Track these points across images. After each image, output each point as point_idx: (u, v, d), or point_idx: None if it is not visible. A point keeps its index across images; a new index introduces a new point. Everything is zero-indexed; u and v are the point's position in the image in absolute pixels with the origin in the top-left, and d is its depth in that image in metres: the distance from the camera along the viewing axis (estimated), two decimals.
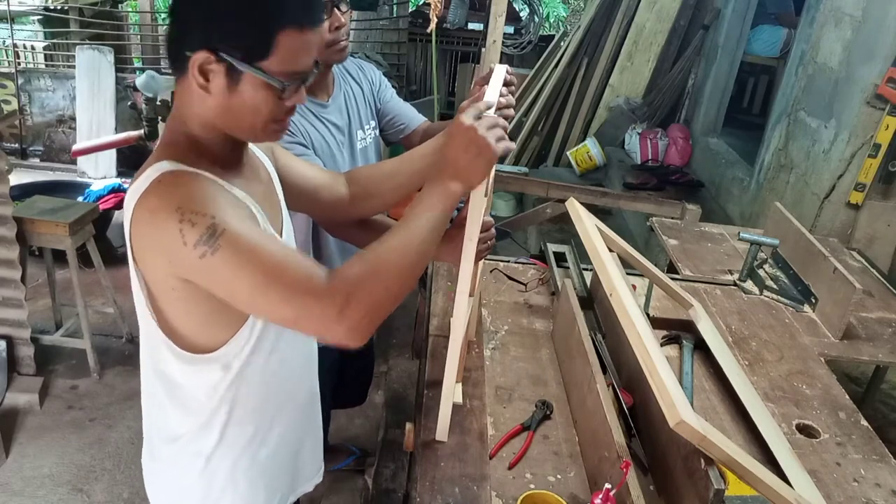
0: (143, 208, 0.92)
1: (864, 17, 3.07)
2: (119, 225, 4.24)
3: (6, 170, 2.56)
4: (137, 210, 0.92)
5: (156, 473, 1.22)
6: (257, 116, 0.97)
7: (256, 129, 1.00)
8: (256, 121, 0.98)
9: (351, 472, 2.54)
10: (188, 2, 0.96)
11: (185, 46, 0.93)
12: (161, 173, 0.93)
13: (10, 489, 2.38)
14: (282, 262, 0.90)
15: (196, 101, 0.97)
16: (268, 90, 0.95)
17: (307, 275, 0.91)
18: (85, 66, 5.05)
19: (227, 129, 1.00)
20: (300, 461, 1.30)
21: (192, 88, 0.95)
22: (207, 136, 1.00)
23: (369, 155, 1.86)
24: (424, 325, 1.80)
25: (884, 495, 1.38)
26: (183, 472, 1.15)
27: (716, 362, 1.63)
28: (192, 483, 1.15)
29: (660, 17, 5.33)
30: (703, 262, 2.33)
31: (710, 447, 1.04)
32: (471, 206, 1.10)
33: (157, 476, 1.21)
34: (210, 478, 1.14)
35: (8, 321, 2.73)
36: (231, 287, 0.90)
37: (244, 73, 0.93)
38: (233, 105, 0.95)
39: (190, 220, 0.88)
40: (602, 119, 5.62)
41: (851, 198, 3.06)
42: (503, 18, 2.09)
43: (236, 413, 1.10)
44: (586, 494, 1.30)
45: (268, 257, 0.90)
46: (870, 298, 2.22)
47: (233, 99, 0.95)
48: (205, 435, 1.11)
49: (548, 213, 3.23)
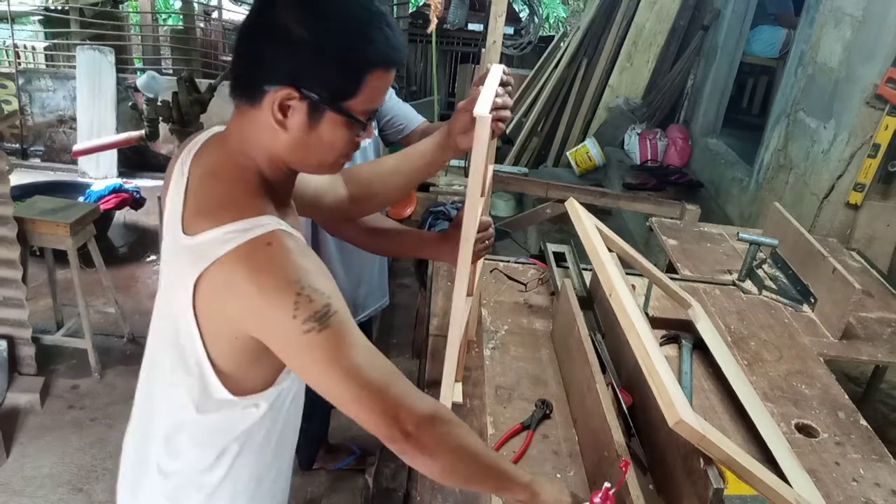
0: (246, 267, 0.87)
1: (864, 17, 3.07)
2: (120, 225, 4.25)
3: (7, 170, 2.56)
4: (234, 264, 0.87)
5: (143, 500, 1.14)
6: (331, 153, 0.96)
7: (326, 165, 0.99)
8: (329, 157, 0.97)
9: (351, 471, 2.54)
10: (273, 34, 0.90)
11: (265, 80, 0.90)
12: (267, 233, 0.89)
13: (10, 489, 2.39)
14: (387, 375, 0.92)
15: (266, 135, 0.94)
16: (347, 128, 0.94)
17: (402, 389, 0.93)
18: (85, 66, 5.05)
19: (294, 163, 0.98)
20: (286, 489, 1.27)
21: (263, 122, 0.93)
22: (272, 172, 0.98)
23: (368, 155, 1.87)
24: (424, 325, 1.80)
25: (883, 495, 1.38)
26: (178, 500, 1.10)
27: (715, 362, 1.63)
28: None
29: (659, 17, 5.33)
30: (702, 262, 2.33)
31: (710, 447, 1.04)
32: (467, 206, 1.10)
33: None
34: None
35: (9, 321, 2.73)
36: (317, 370, 0.90)
37: (326, 112, 0.91)
38: (309, 142, 0.94)
39: (309, 297, 0.86)
40: (602, 119, 5.63)
41: (851, 198, 3.06)
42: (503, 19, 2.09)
43: (247, 446, 1.08)
44: (586, 494, 1.30)
45: (365, 365, 0.90)
46: (869, 298, 2.22)
47: (310, 136, 0.93)
48: (213, 469, 1.07)
49: (547, 213, 3.23)
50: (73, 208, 2.86)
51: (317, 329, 0.86)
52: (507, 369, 1.65)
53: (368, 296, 1.96)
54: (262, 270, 0.87)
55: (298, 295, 0.86)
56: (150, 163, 5.18)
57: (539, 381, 1.62)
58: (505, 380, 1.61)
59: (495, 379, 1.60)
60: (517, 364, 1.67)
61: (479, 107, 1.06)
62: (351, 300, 1.90)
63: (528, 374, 1.64)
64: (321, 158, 0.97)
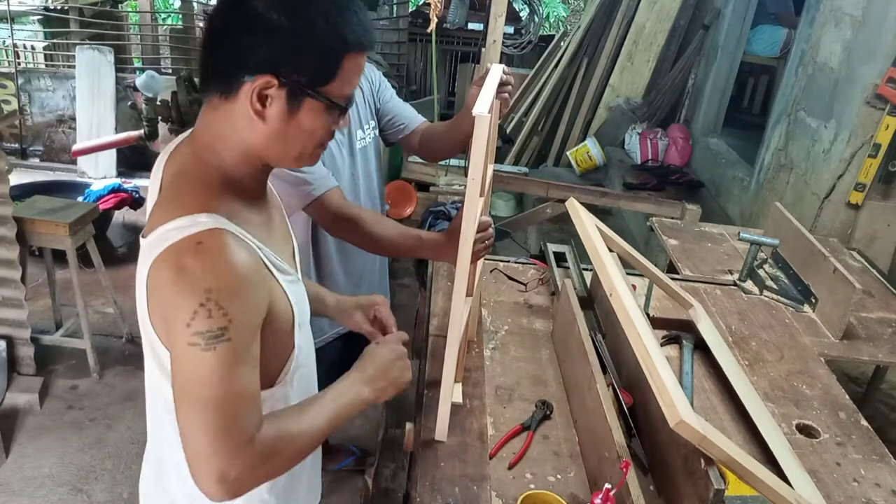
0: (172, 265, 0.85)
1: (864, 17, 3.07)
2: (119, 225, 4.25)
3: (6, 170, 2.56)
4: (164, 262, 0.86)
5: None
6: (309, 142, 0.95)
7: (304, 156, 0.97)
8: (307, 146, 0.96)
9: (351, 472, 2.54)
10: (250, 22, 0.89)
11: (242, 70, 0.89)
12: (202, 231, 0.86)
13: (10, 489, 2.39)
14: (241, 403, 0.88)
15: (243, 128, 0.92)
16: (326, 115, 0.93)
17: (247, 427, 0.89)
18: (85, 66, 5.05)
19: (271, 155, 0.96)
20: (304, 485, 1.26)
21: (239, 115, 0.91)
22: (242, 169, 0.96)
23: (368, 155, 1.86)
24: (424, 325, 1.80)
25: (884, 495, 1.38)
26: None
27: (716, 362, 1.63)
28: None
29: (660, 17, 5.33)
30: (702, 262, 2.33)
31: (710, 447, 1.04)
32: (466, 206, 1.10)
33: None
34: None
35: (8, 321, 2.73)
36: (180, 380, 0.87)
37: (305, 99, 0.91)
38: (288, 132, 0.93)
39: (210, 310, 0.83)
40: (602, 119, 5.62)
41: (851, 198, 3.06)
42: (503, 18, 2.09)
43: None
44: (586, 494, 1.30)
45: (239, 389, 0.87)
46: (870, 298, 2.22)
47: (289, 125, 0.92)
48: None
49: (548, 213, 3.23)
50: (73, 208, 2.86)
51: (201, 347, 0.84)
52: (508, 369, 1.64)
53: None
54: (180, 270, 0.84)
55: (201, 305, 0.83)
56: (150, 162, 5.03)
57: (539, 382, 1.61)
58: (505, 380, 1.60)
59: (495, 379, 1.60)
60: (517, 364, 1.67)
61: (478, 106, 1.06)
62: None
63: (529, 375, 1.63)
64: (301, 148, 0.96)
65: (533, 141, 5.76)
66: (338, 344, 1.92)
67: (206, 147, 0.95)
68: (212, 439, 0.86)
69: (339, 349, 1.91)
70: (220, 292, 0.84)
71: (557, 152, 5.72)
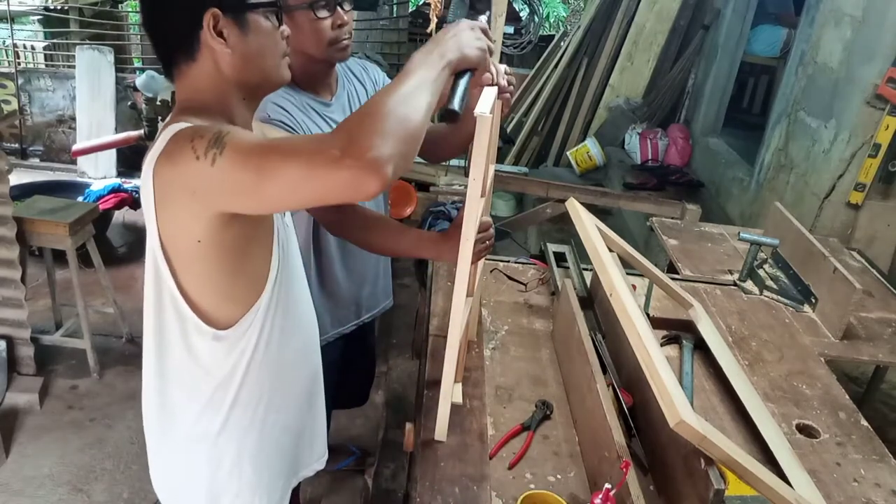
0: (163, 159, 0.95)
1: (864, 17, 3.07)
2: (119, 225, 4.24)
3: (6, 170, 2.56)
4: (158, 166, 0.95)
5: (162, 464, 1.23)
6: (277, 49, 1.05)
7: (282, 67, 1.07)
8: (276, 54, 1.05)
9: (351, 472, 2.54)
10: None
11: (193, 25, 0.99)
12: (177, 131, 0.96)
13: (9, 489, 2.38)
14: (282, 140, 0.94)
15: (217, 70, 1.02)
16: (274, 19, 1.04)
17: (305, 138, 0.98)
18: (85, 66, 5.05)
19: (253, 76, 1.05)
20: (301, 445, 1.34)
21: (210, 60, 1.01)
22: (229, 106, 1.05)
23: None
24: (424, 325, 1.80)
25: (884, 495, 1.38)
26: (189, 458, 1.18)
27: (716, 362, 1.63)
28: (198, 470, 1.17)
29: (660, 17, 5.33)
30: (702, 262, 2.33)
31: (710, 447, 1.04)
32: (467, 206, 1.10)
33: (164, 467, 1.23)
34: (217, 463, 1.17)
35: (8, 321, 2.73)
36: (242, 179, 0.90)
37: (248, 14, 1.01)
38: (251, 49, 1.02)
39: (200, 135, 0.92)
40: (602, 119, 5.62)
41: (851, 198, 3.06)
42: (503, 18, 2.10)
43: (242, 395, 1.13)
44: (586, 494, 1.30)
45: (269, 141, 0.93)
46: (870, 298, 2.22)
47: (250, 44, 1.02)
48: (210, 416, 1.13)
49: (548, 213, 3.23)
50: (72, 208, 2.86)
51: (219, 152, 0.90)
52: (508, 369, 1.64)
53: (371, 297, 1.95)
54: (168, 152, 0.95)
55: (192, 140, 0.92)
56: None
57: (539, 382, 1.61)
58: (505, 380, 1.60)
59: (495, 379, 1.60)
60: (517, 364, 1.67)
61: (479, 106, 1.06)
62: (354, 301, 1.89)
63: (529, 375, 1.63)
64: (273, 59, 1.05)
65: (533, 141, 5.76)
66: (338, 344, 1.92)
67: (192, 102, 1.04)
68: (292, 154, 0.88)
69: (340, 349, 1.91)
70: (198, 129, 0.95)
71: (557, 152, 5.72)
